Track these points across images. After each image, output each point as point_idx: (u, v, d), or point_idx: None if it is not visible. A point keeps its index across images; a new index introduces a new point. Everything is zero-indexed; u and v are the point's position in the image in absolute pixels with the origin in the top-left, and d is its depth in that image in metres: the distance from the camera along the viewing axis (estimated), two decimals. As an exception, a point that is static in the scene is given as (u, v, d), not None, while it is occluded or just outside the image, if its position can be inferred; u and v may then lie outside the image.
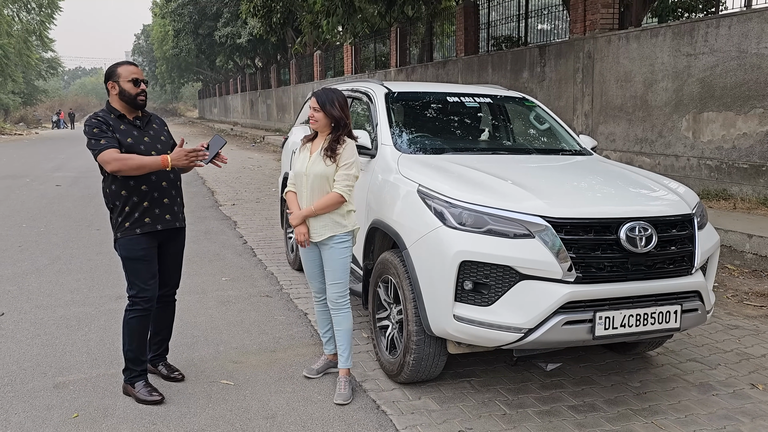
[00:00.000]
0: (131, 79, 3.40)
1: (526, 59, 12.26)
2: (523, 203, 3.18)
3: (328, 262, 3.58)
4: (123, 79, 3.40)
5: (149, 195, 3.44)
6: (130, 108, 3.45)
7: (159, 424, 3.23)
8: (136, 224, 3.43)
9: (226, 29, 31.94)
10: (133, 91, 3.40)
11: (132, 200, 3.41)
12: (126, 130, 3.41)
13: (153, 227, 3.47)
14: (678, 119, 8.99)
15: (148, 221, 3.45)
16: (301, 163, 3.56)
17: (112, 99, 3.44)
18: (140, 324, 3.47)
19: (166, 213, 3.52)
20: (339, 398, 3.49)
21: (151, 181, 3.43)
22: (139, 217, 3.43)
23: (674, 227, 3.30)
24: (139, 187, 3.41)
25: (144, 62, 66.66)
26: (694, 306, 3.32)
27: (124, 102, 3.42)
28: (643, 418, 3.37)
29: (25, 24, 38.53)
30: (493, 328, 3.12)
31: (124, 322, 3.49)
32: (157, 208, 3.48)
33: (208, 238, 7.76)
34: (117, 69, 3.43)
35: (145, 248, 3.45)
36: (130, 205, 3.41)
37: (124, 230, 3.43)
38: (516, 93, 5.10)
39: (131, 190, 3.41)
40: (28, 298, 5.27)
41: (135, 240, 3.43)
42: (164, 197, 3.51)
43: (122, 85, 3.39)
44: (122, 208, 3.42)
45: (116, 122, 3.40)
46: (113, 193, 3.43)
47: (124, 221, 3.43)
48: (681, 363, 4.13)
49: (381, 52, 21.41)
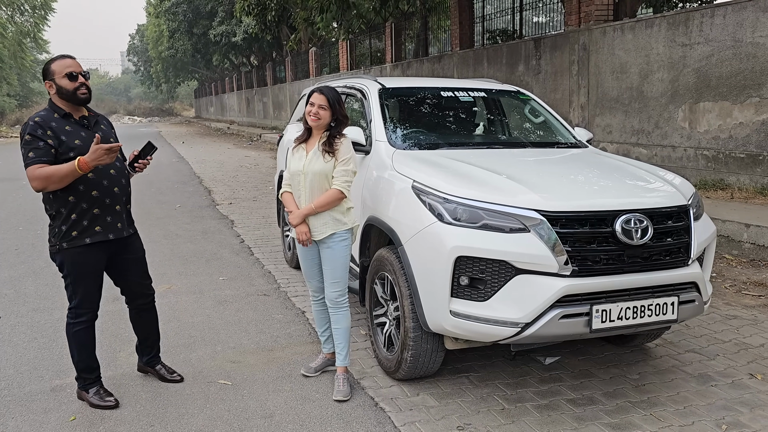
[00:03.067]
0: (66, 74, 3.13)
1: (521, 52, 12.23)
2: (518, 197, 3.17)
3: (328, 260, 3.56)
4: (58, 76, 3.13)
5: (99, 201, 3.21)
6: (72, 105, 3.19)
7: (156, 425, 3.22)
8: (85, 233, 3.19)
9: (220, 28, 31.85)
10: (70, 87, 3.13)
11: (80, 207, 3.17)
12: (73, 132, 3.16)
13: (105, 236, 3.25)
14: (674, 110, 8.97)
15: (99, 230, 3.22)
16: (298, 163, 3.54)
17: (54, 98, 3.18)
18: (87, 335, 3.37)
19: (117, 221, 3.30)
20: (338, 395, 3.48)
21: (103, 186, 3.21)
22: (89, 226, 3.19)
23: (670, 218, 3.29)
24: (89, 192, 3.17)
25: (139, 62, 66.49)
26: (691, 297, 3.31)
27: (65, 100, 3.16)
28: (641, 411, 3.36)
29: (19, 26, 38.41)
30: (490, 323, 3.11)
31: (70, 334, 3.35)
32: (109, 215, 3.25)
33: (205, 237, 7.74)
34: (51, 66, 3.16)
35: (95, 260, 3.27)
36: (78, 213, 3.17)
37: (71, 240, 3.18)
38: (510, 86, 5.09)
39: (80, 196, 3.16)
40: (24, 302, 5.25)
41: (84, 251, 3.21)
42: (116, 204, 3.29)
43: (58, 82, 3.13)
44: (68, 215, 3.16)
45: (61, 123, 3.14)
46: (59, 199, 3.15)
47: (70, 230, 3.17)
48: (679, 354, 4.12)
49: (376, 47, 21.37)
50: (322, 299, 3.76)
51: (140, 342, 3.68)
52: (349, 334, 3.65)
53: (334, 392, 3.51)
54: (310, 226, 3.51)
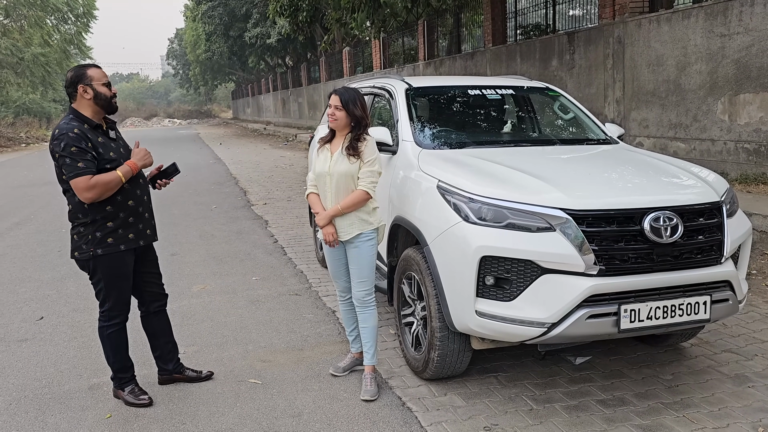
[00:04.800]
0: (105, 83, 3.23)
1: (554, 47, 12.07)
2: (544, 196, 3.13)
3: (354, 260, 3.59)
4: (97, 82, 3.22)
5: (133, 210, 3.35)
6: (101, 114, 3.28)
7: (188, 423, 3.30)
8: (120, 241, 3.31)
9: (255, 30, 32.25)
10: (108, 94, 3.24)
11: (118, 215, 3.29)
12: (105, 144, 3.26)
13: (137, 243, 3.39)
14: (713, 102, 8.73)
15: (132, 237, 3.36)
16: (323, 164, 3.57)
17: (82, 105, 3.22)
18: (120, 337, 3.48)
19: (147, 228, 3.47)
20: (366, 395, 3.50)
21: (136, 195, 3.36)
22: (124, 233, 3.32)
23: (701, 216, 3.21)
24: (126, 201, 3.31)
25: (178, 65, 67.77)
26: (725, 296, 3.23)
27: (99, 107, 3.24)
28: (674, 412, 3.30)
29: (63, 34, 39.57)
30: (516, 323, 3.09)
31: (104, 336, 3.45)
32: (141, 223, 3.41)
33: (240, 238, 7.86)
34: (87, 71, 3.23)
35: (128, 264, 3.39)
36: (115, 221, 3.29)
37: (107, 246, 3.28)
38: (539, 83, 5.03)
39: (117, 205, 3.28)
40: (66, 302, 5.42)
41: (119, 257, 3.33)
42: (145, 212, 3.45)
43: (97, 88, 3.21)
44: (104, 223, 3.26)
45: (94, 135, 3.22)
46: (95, 208, 3.24)
47: (105, 237, 3.27)
48: (715, 354, 4.02)
49: (409, 45, 21.34)
50: (350, 299, 3.79)
51: (161, 349, 3.72)
52: (376, 333, 3.67)
53: (361, 392, 3.53)
54: (337, 226, 3.54)
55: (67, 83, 3.27)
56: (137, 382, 3.59)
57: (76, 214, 3.30)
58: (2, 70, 34.31)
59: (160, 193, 4.40)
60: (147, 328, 3.71)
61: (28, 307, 5.35)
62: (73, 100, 3.25)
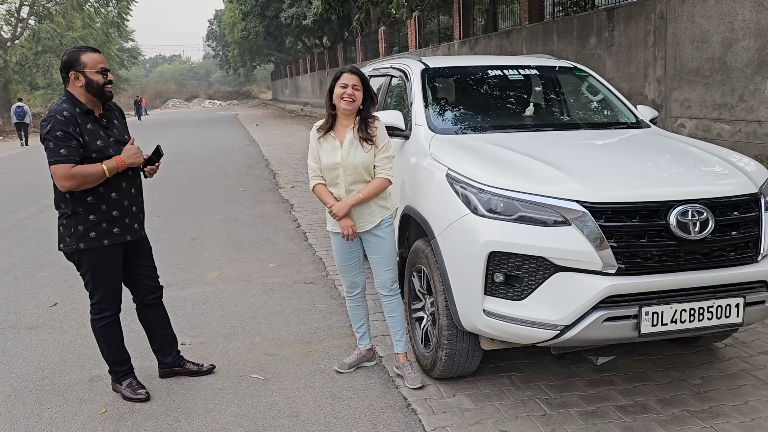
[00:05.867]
0: (99, 69, 3.09)
1: (593, 24, 11.54)
2: (558, 187, 2.87)
3: (377, 249, 3.44)
4: (90, 69, 3.07)
5: (118, 203, 3.20)
6: (95, 101, 3.15)
7: (183, 421, 3.18)
8: (103, 235, 3.17)
9: (291, 10, 32.04)
10: (101, 81, 3.09)
11: (100, 208, 3.14)
12: (93, 131, 3.11)
13: (122, 238, 3.24)
14: (761, 81, 8.18)
15: (117, 232, 3.21)
16: (332, 155, 3.34)
17: (75, 91, 3.10)
18: (112, 329, 3.36)
19: (134, 223, 3.31)
20: (414, 382, 3.41)
21: (122, 187, 3.20)
22: (108, 228, 3.18)
23: (736, 209, 2.90)
24: (109, 194, 3.16)
25: (218, 47, 68.26)
26: (761, 298, 2.92)
27: (91, 95, 3.11)
28: (701, 422, 3.03)
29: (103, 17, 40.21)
30: (526, 324, 2.85)
31: (96, 329, 3.34)
32: (127, 217, 3.25)
33: (262, 222, 7.76)
34: (80, 57, 3.08)
35: (115, 258, 3.25)
36: (97, 214, 3.14)
37: (89, 241, 3.15)
38: (566, 62, 4.70)
39: (99, 197, 3.13)
40: (81, 288, 5.30)
41: (104, 251, 3.19)
42: (133, 205, 3.29)
43: (89, 75, 3.07)
44: (86, 216, 3.12)
45: (84, 120, 3.08)
46: (76, 199, 3.11)
47: (88, 231, 3.14)
48: (752, 357, 3.71)
49: (445, 25, 20.86)
50: (358, 295, 3.63)
51: (159, 342, 3.60)
52: (404, 320, 3.58)
53: (407, 381, 3.43)
54: (356, 217, 3.37)
55: (60, 67, 3.16)
56: (135, 376, 3.49)
57: (59, 203, 3.18)
58: (45, 54, 35.04)
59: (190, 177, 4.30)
60: (143, 321, 3.60)
61: (44, 292, 5.34)
62: (66, 84, 3.14)
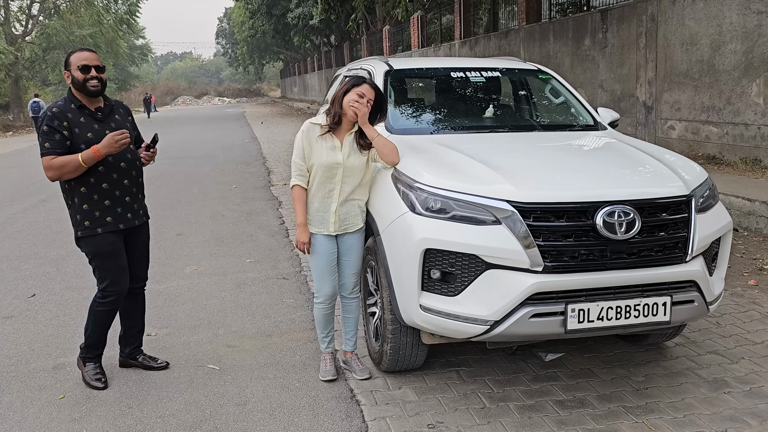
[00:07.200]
0: (80, 66, 3.26)
1: (587, 25, 11.58)
2: (491, 187, 2.97)
3: (352, 252, 3.51)
4: (73, 67, 3.27)
5: (109, 193, 3.35)
6: (86, 97, 3.32)
7: (135, 408, 3.30)
8: (96, 224, 3.35)
9: (297, 10, 32.19)
10: (80, 78, 3.25)
11: (92, 198, 3.32)
12: (86, 124, 3.30)
13: (115, 227, 3.40)
14: (747, 84, 8.22)
15: (110, 220, 3.38)
16: (332, 154, 3.33)
17: (71, 87, 3.35)
18: (108, 316, 3.50)
19: (127, 212, 3.45)
20: (363, 374, 3.54)
21: (113, 178, 3.35)
22: (100, 216, 3.35)
23: (665, 210, 2.98)
24: (100, 184, 3.32)
25: (227, 45, 68.63)
26: (689, 297, 3.00)
27: (78, 90, 3.30)
28: (633, 417, 3.11)
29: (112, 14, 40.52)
30: (459, 319, 2.95)
31: (92, 311, 3.50)
32: (119, 206, 3.40)
33: (248, 219, 7.89)
34: (70, 57, 3.32)
35: (112, 243, 3.40)
36: (89, 203, 3.32)
37: (84, 229, 3.35)
38: (530, 65, 4.79)
39: (90, 187, 3.31)
40: (61, 279, 5.54)
41: (99, 238, 3.36)
42: (126, 195, 3.43)
43: (73, 72, 3.27)
44: (80, 205, 3.32)
45: (76, 114, 3.29)
46: (71, 190, 3.33)
47: (83, 220, 3.33)
48: (699, 356, 3.78)
49: (446, 25, 20.92)
50: (333, 303, 3.59)
51: (125, 331, 3.73)
52: (358, 323, 3.72)
53: (356, 373, 3.56)
54: (346, 217, 3.41)
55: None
56: (101, 364, 3.62)
57: (63, 195, 3.43)
58: (54, 51, 35.42)
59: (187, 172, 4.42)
60: (120, 309, 3.71)
61: (25, 283, 5.50)
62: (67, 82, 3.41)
